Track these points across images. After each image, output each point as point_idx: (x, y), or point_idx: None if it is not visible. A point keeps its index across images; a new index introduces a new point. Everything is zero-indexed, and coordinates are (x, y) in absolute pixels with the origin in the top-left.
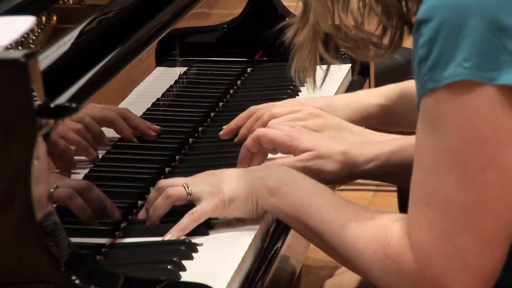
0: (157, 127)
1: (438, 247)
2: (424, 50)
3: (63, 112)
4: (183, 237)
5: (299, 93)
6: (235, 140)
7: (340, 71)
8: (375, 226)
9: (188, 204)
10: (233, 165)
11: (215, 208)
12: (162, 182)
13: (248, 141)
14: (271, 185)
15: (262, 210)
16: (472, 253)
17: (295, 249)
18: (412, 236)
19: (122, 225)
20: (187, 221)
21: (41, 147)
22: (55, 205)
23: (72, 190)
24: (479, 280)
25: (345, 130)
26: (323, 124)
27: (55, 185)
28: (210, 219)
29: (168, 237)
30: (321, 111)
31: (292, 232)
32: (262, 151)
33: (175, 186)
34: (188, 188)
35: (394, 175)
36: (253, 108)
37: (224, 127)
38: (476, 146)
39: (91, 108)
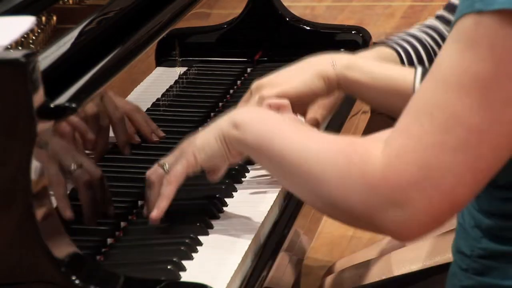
0: (161, 134)
1: (421, 157)
2: None
3: (63, 112)
4: (183, 237)
5: None
6: None
7: None
8: (343, 139)
9: (191, 205)
10: (233, 165)
11: (187, 164)
12: (147, 174)
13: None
14: (237, 119)
15: (234, 150)
16: (454, 174)
17: (295, 249)
18: (394, 142)
19: (122, 225)
20: (164, 188)
21: (41, 147)
22: (54, 206)
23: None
24: (445, 205)
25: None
26: None
27: (78, 163)
28: (210, 219)
29: (155, 212)
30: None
31: (292, 231)
32: None
33: (154, 170)
34: (165, 165)
35: None
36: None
37: None
38: (510, 78)
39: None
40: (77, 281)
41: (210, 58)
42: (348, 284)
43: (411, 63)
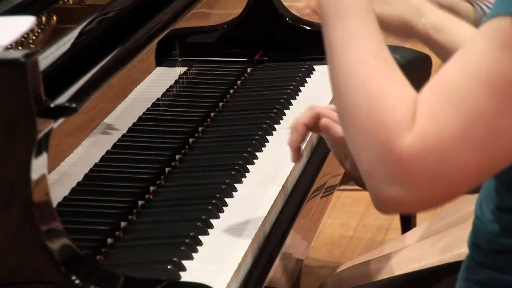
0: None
1: (441, 148)
2: None
3: (63, 112)
4: (183, 237)
5: (299, 93)
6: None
7: None
8: (395, 92)
9: (191, 205)
10: (233, 165)
11: None
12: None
13: (308, 119)
14: None
15: None
16: (465, 170)
17: (295, 248)
18: (421, 123)
19: (122, 225)
20: None
21: (42, 147)
22: (55, 205)
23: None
24: (446, 196)
25: None
26: None
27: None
28: (210, 219)
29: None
30: None
31: (292, 232)
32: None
33: None
34: None
35: None
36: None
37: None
38: None
39: None
40: (77, 281)
41: (210, 58)
42: (348, 284)
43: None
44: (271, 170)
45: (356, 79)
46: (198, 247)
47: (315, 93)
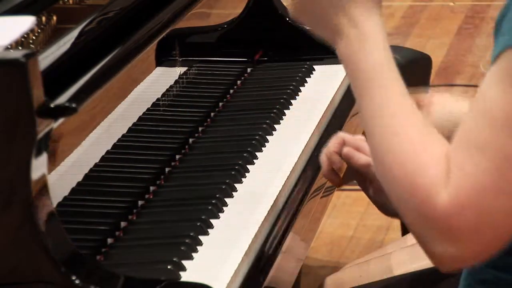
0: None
1: (477, 201)
2: None
3: (63, 112)
4: (183, 237)
5: (299, 93)
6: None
7: (342, 71)
8: (428, 154)
9: (191, 205)
10: (233, 165)
11: None
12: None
13: (335, 146)
14: (361, 26)
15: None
16: (506, 217)
17: (295, 249)
18: (453, 181)
19: (122, 225)
20: None
21: (42, 147)
22: (55, 205)
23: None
24: (495, 244)
25: None
26: None
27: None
28: (210, 219)
29: None
30: None
31: (292, 232)
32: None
33: None
34: None
35: None
36: None
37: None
38: None
39: None
40: (77, 281)
41: (210, 58)
42: (348, 284)
43: None
44: (271, 170)
45: (389, 144)
46: (198, 247)
47: (315, 93)
